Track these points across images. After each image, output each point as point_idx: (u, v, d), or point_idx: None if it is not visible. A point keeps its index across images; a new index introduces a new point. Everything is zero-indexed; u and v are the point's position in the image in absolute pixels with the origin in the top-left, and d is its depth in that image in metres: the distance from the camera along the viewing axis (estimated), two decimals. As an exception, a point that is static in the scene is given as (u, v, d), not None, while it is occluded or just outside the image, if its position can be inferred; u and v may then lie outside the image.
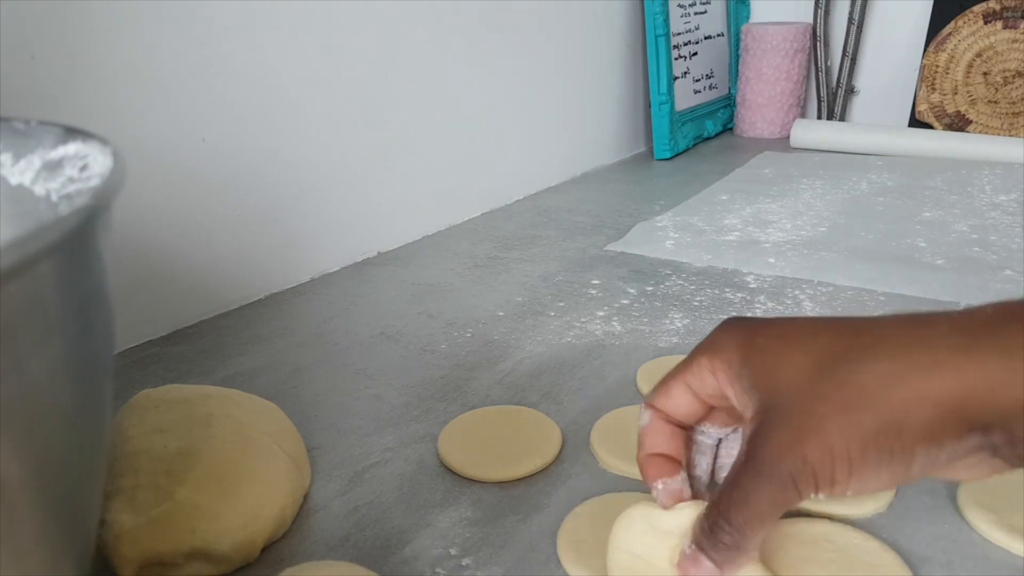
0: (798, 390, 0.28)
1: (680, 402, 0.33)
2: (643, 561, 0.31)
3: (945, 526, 0.36)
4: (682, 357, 0.51)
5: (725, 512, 0.28)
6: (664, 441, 0.33)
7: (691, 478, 0.34)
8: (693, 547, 0.30)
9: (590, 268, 0.70)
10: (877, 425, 0.26)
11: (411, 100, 0.76)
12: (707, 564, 0.29)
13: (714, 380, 0.32)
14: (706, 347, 0.33)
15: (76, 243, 0.19)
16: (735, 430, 0.34)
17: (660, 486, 0.32)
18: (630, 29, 1.10)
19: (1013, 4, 1.05)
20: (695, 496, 0.32)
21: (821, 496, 0.27)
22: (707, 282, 0.66)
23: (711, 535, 0.29)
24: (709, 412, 0.34)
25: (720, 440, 0.34)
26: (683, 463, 0.34)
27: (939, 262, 0.68)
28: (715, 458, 0.34)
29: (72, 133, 0.25)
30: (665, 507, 0.32)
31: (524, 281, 0.68)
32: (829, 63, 1.22)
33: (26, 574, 0.20)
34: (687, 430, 0.34)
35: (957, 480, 0.29)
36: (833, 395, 0.27)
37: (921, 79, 1.13)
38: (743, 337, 0.31)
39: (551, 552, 0.36)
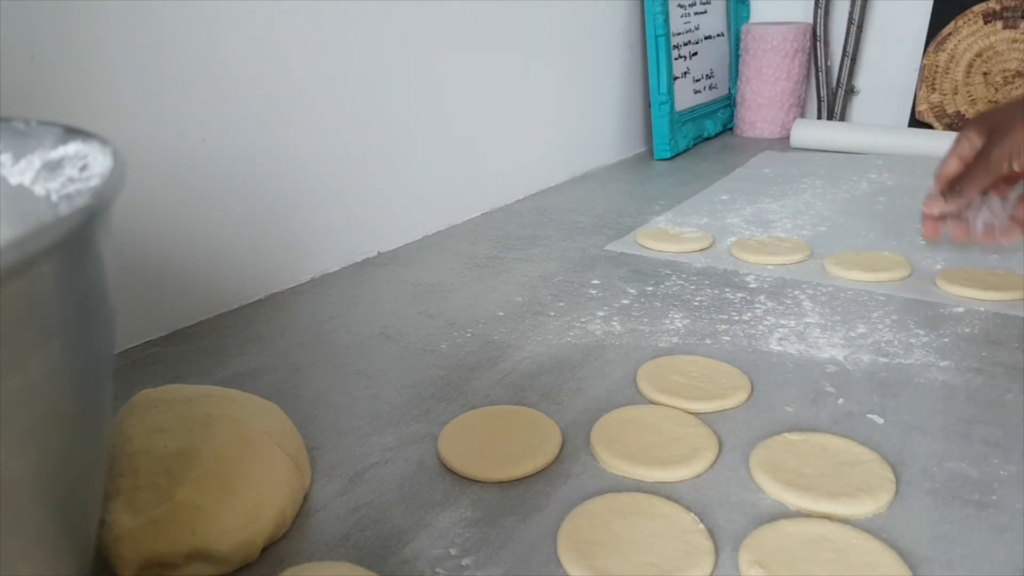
0: (1005, 123, 0.60)
1: (953, 168, 0.64)
2: None
3: (946, 527, 0.36)
4: (682, 357, 0.52)
5: (965, 179, 0.62)
6: (943, 205, 0.65)
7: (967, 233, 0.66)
8: (935, 192, 0.65)
9: (590, 268, 0.70)
10: None
11: (411, 100, 0.76)
12: (945, 207, 0.64)
13: (971, 144, 0.63)
14: (963, 128, 0.65)
15: (76, 243, 0.19)
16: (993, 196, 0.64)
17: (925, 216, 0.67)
18: (630, 29, 1.10)
19: (1013, 4, 1.05)
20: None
21: (1016, 167, 0.59)
22: (707, 282, 0.66)
23: (952, 191, 0.63)
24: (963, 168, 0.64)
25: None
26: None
27: (939, 266, 0.68)
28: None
29: (72, 133, 0.25)
30: (925, 234, 0.68)
31: (524, 281, 0.68)
32: (829, 63, 1.22)
33: (26, 574, 0.20)
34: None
35: None
36: (1019, 123, 0.59)
37: (921, 79, 1.13)
38: (983, 115, 0.65)
39: (551, 552, 0.36)
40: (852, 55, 1.20)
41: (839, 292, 0.63)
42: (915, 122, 1.15)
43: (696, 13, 1.16)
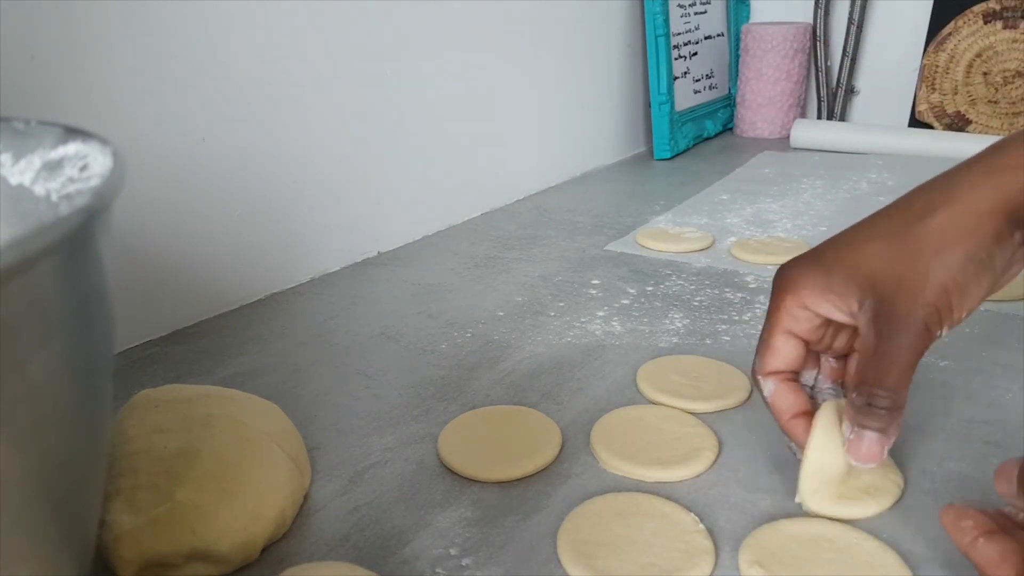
0: (891, 264, 0.34)
1: (787, 351, 0.38)
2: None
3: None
4: (682, 357, 0.52)
5: (876, 382, 0.34)
6: (794, 399, 0.38)
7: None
8: (855, 429, 0.34)
9: (590, 268, 0.70)
10: (965, 251, 0.33)
11: (411, 100, 0.76)
12: (873, 435, 0.34)
13: (807, 312, 0.36)
14: (783, 290, 0.37)
15: (76, 243, 0.19)
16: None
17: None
18: (630, 29, 1.10)
19: (1013, 4, 1.05)
20: None
21: (945, 330, 0.34)
22: (707, 282, 0.66)
23: (868, 408, 0.34)
24: (813, 358, 0.39)
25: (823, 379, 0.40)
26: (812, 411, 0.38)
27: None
28: None
29: (72, 133, 0.25)
30: None
31: (524, 281, 0.68)
32: (829, 63, 1.22)
33: (26, 574, 0.20)
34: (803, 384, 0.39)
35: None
36: (921, 249, 0.34)
37: (921, 79, 1.13)
38: (812, 263, 0.37)
39: (551, 552, 0.36)
40: (852, 55, 1.20)
41: (839, 292, 0.63)
42: (915, 122, 1.15)
43: (696, 13, 1.16)
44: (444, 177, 0.82)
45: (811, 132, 1.13)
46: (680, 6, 1.11)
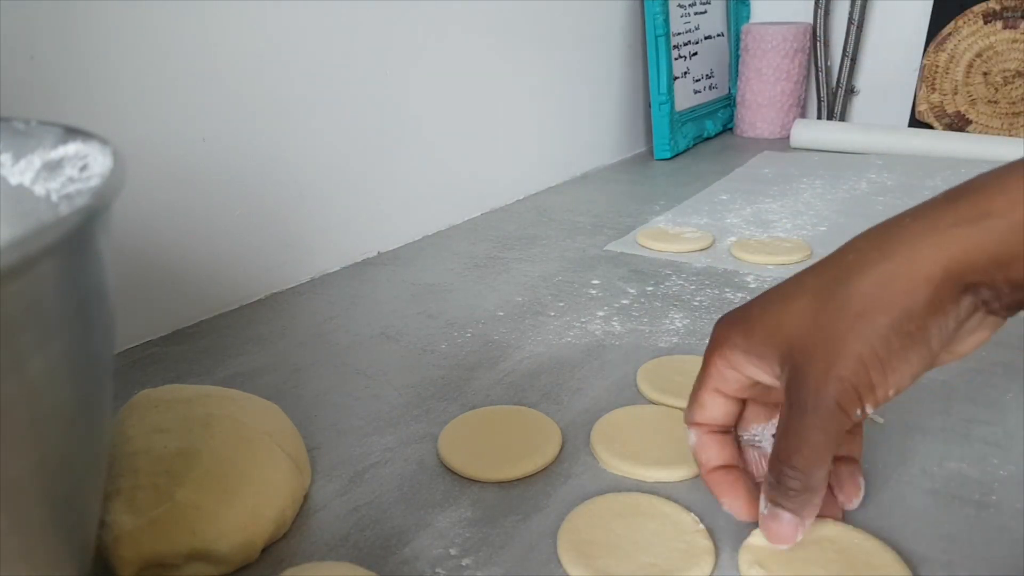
0: (809, 327, 0.30)
1: (715, 408, 0.35)
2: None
3: (946, 527, 0.36)
4: (682, 357, 0.52)
5: (786, 460, 0.30)
6: (717, 452, 0.36)
7: (755, 477, 0.37)
8: (768, 505, 0.32)
9: (590, 268, 0.70)
10: (890, 320, 0.28)
11: (411, 100, 0.76)
12: (786, 516, 0.31)
13: (734, 372, 0.33)
14: (712, 348, 0.34)
15: (76, 243, 0.19)
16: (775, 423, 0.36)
17: (727, 507, 0.35)
18: (630, 29, 1.10)
19: (1013, 4, 1.05)
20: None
21: (868, 409, 0.29)
22: (707, 282, 0.66)
23: (779, 486, 0.31)
24: (746, 407, 0.36)
25: (771, 435, 0.36)
26: (741, 466, 0.36)
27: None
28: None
29: (72, 133, 0.25)
30: (740, 518, 0.35)
31: (524, 281, 0.68)
32: (829, 63, 1.22)
33: (26, 575, 0.20)
34: (734, 433, 0.37)
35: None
36: (842, 313, 0.29)
37: (921, 79, 1.13)
38: (738, 320, 0.33)
39: (551, 552, 0.36)
40: (852, 55, 1.20)
41: (839, 292, 0.63)
42: (915, 122, 1.15)
43: (696, 13, 1.16)
44: (444, 177, 0.82)
45: (811, 132, 1.13)
46: (680, 6, 1.11)
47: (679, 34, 1.11)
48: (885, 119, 1.21)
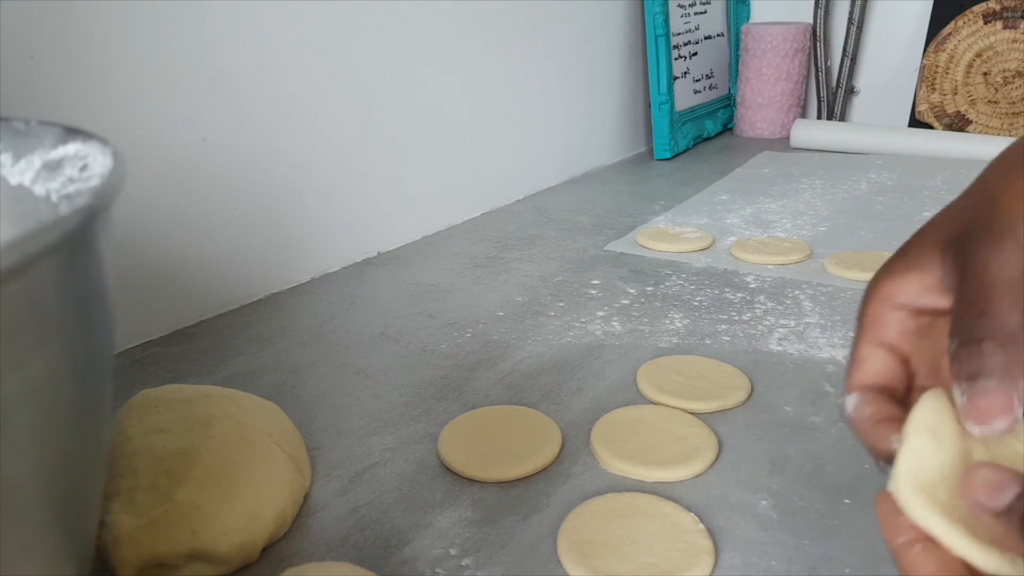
0: (969, 214, 0.28)
1: (875, 362, 0.30)
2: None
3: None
4: (682, 357, 0.52)
5: (979, 310, 0.26)
6: (883, 406, 0.29)
7: None
8: (965, 385, 0.25)
9: (590, 268, 0.70)
10: None
11: (411, 100, 0.76)
12: (991, 383, 0.25)
13: (893, 311, 0.30)
14: (866, 297, 0.31)
15: (76, 243, 0.19)
16: None
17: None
18: (630, 29, 1.10)
19: (1013, 4, 1.05)
20: None
21: None
22: (707, 282, 0.66)
23: (970, 348, 0.25)
24: (905, 371, 0.31)
25: None
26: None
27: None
28: None
29: (72, 133, 0.25)
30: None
31: (524, 281, 0.68)
32: (829, 63, 1.22)
33: (26, 575, 0.20)
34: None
35: None
36: (1003, 198, 0.28)
37: (921, 79, 1.13)
38: (889, 260, 0.31)
39: (551, 552, 0.36)
40: (852, 55, 1.20)
41: (839, 292, 0.63)
42: (915, 122, 1.15)
43: (696, 13, 1.16)
44: (444, 177, 0.82)
45: (811, 132, 1.13)
46: (680, 6, 1.12)
47: (679, 34, 1.11)
48: (885, 119, 1.21)
